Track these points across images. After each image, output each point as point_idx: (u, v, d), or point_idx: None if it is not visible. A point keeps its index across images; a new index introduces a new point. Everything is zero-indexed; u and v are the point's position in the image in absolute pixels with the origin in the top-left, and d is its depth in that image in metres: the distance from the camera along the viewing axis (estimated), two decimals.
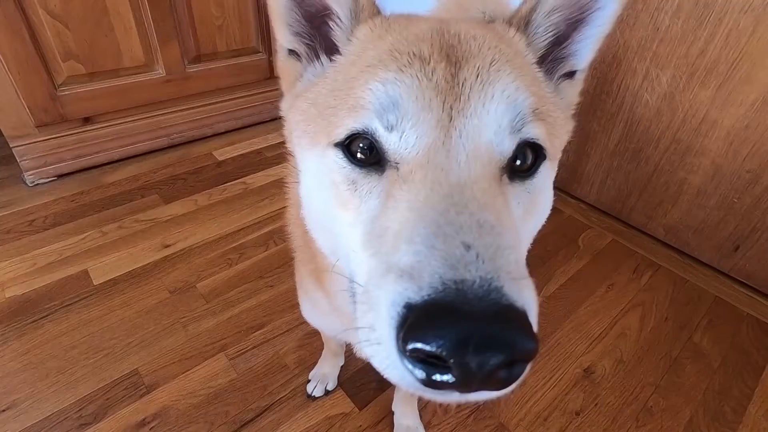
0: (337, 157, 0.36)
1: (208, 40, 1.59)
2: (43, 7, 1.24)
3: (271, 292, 1.12)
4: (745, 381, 1.01)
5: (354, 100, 0.34)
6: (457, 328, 0.24)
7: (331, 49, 0.41)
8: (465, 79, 0.33)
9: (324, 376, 0.91)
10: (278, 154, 1.69)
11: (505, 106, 0.33)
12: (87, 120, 1.46)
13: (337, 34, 0.41)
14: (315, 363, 0.94)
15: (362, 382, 0.94)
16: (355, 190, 0.35)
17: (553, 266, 1.28)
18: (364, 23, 0.39)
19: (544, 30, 0.40)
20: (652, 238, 1.40)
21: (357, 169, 0.35)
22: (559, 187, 1.59)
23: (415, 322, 0.25)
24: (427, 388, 0.27)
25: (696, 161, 1.23)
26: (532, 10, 0.40)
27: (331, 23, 0.41)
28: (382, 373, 0.30)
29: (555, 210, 1.36)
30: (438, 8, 0.84)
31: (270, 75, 1.80)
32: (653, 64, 1.22)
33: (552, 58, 0.42)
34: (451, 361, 0.24)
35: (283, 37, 0.42)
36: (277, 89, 1.68)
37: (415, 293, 0.26)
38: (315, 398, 0.90)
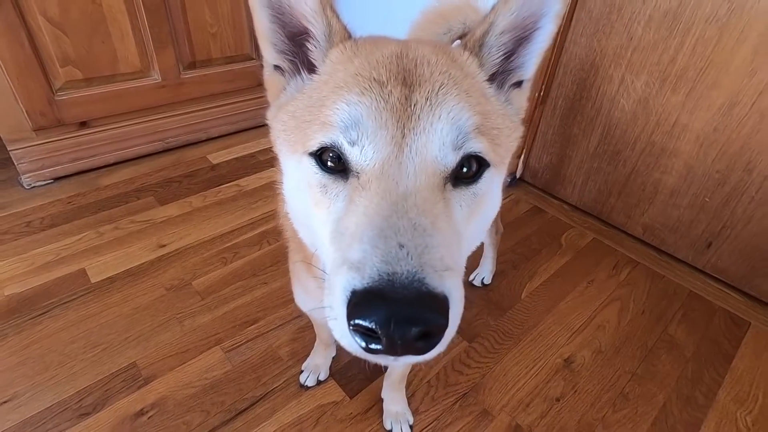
0: (311, 164, 0.41)
1: (203, 47, 1.64)
2: (42, 14, 1.28)
3: (265, 289, 1.16)
4: (716, 369, 1.07)
5: (324, 117, 0.40)
6: (385, 309, 0.31)
7: (311, 67, 0.46)
8: (417, 101, 0.39)
9: (316, 366, 0.95)
10: (271, 158, 1.72)
11: (449, 126, 0.38)
12: (83, 124, 1.50)
13: (315, 54, 0.45)
14: (307, 355, 0.98)
15: (353, 372, 0.98)
16: (326, 193, 0.41)
17: (536, 263, 1.33)
18: (336, 46, 0.44)
19: (496, 49, 0.45)
20: (631, 236, 1.46)
21: (327, 175, 0.41)
22: (542, 188, 1.65)
23: (357, 303, 0.32)
24: (367, 354, 0.34)
25: (669, 163, 1.30)
26: (485, 33, 0.45)
27: (309, 44, 0.45)
28: (339, 342, 0.36)
29: (539, 210, 1.43)
30: (423, 19, 0.89)
31: (263, 81, 1.84)
32: (628, 70, 1.28)
33: (502, 71, 0.47)
34: (380, 333, 0.31)
35: (269, 54, 0.47)
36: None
37: (359, 282, 0.33)
38: (307, 388, 0.94)
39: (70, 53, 1.37)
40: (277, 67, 0.48)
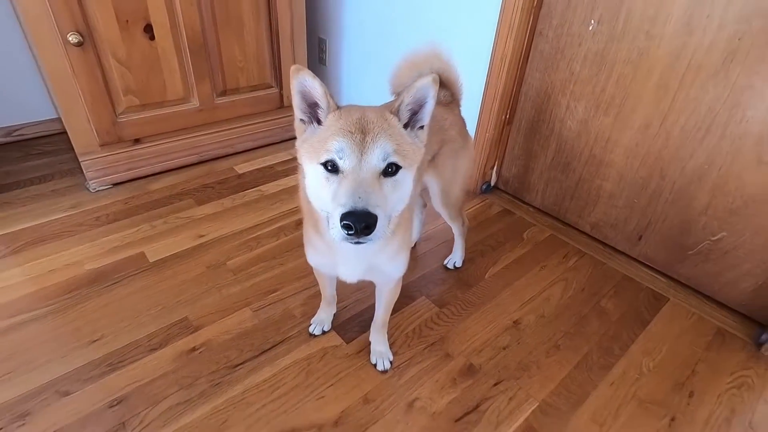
0: (321, 168, 0.73)
1: (233, 78, 2.00)
2: (113, 56, 1.65)
3: (282, 268, 1.49)
4: (633, 330, 1.36)
5: (327, 146, 0.72)
6: (353, 217, 0.64)
7: (318, 121, 0.79)
8: (367, 140, 0.71)
9: (321, 321, 1.27)
10: (286, 168, 2.07)
11: (380, 151, 0.70)
12: (137, 141, 1.86)
13: (321, 115, 0.78)
14: (315, 313, 1.30)
15: (349, 326, 1.30)
16: (328, 180, 0.73)
17: (500, 253, 1.64)
18: (332, 112, 0.77)
19: (405, 112, 0.77)
20: (582, 232, 1.77)
21: (327, 173, 0.73)
22: (512, 194, 1.97)
23: (343, 216, 0.65)
24: (348, 237, 0.67)
25: (607, 171, 1.61)
26: (399, 105, 0.76)
27: (318, 110, 0.78)
28: (334, 238, 0.69)
29: (508, 212, 1.79)
30: (403, 65, 1.22)
31: (281, 105, 2.21)
32: (571, 99, 1.61)
33: (411, 122, 0.79)
34: (352, 226, 0.65)
35: (298, 113, 0.80)
36: (286, 116, 2.10)
37: (343, 209, 0.65)
38: (314, 336, 1.25)
39: (131, 85, 1.74)
40: (301, 120, 0.81)
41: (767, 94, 1.19)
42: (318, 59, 2.54)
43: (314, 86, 0.74)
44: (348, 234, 0.66)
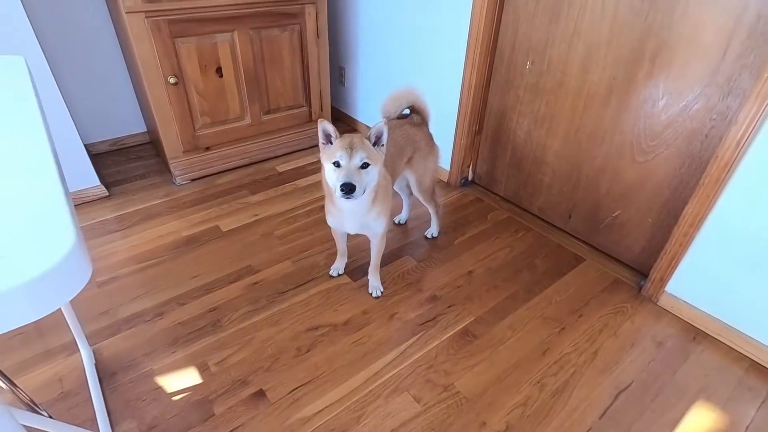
0: (331, 165, 1.37)
1: (274, 100, 2.69)
2: (195, 89, 2.36)
3: (312, 236, 2.15)
4: (552, 278, 1.96)
5: (335, 155, 1.34)
6: (344, 185, 1.29)
7: (331, 142, 1.43)
8: (353, 152, 1.33)
9: (337, 267, 1.93)
10: (314, 168, 2.75)
11: (358, 157, 1.32)
12: (208, 148, 2.57)
13: (332, 139, 1.42)
14: (333, 262, 1.96)
15: (355, 271, 1.95)
16: (334, 171, 1.37)
17: (468, 229, 2.26)
18: (336, 138, 1.40)
19: (372, 138, 1.40)
20: (532, 214, 2.36)
21: (334, 167, 1.37)
22: (484, 186, 2.58)
23: (341, 186, 1.30)
24: (343, 195, 1.30)
25: (545, 169, 2.21)
26: (369, 135, 1.39)
27: (332, 137, 1.43)
28: (338, 198, 1.35)
29: (479, 200, 2.50)
30: (389, 98, 1.86)
31: (309, 119, 2.89)
32: (519, 116, 2.21)
33: (377, 142, 1.42)
34: (344, 189, 1.30)
35: (321, 139, 1.43)
36: (312, 128, 2.79)
37: (340, 182, 1.30)
38: (332, 277, 1.91)
39: (205, 108, 2.45)
40: (323, 142, 1.46)
41: (631, 116, 1.77)
42: (339, 82, 3.21)
43: (328, 128, 1.39)
44: (342, 193, 1.30)
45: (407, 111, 1.88)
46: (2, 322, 0.43)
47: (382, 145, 1.41)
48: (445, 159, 2.57)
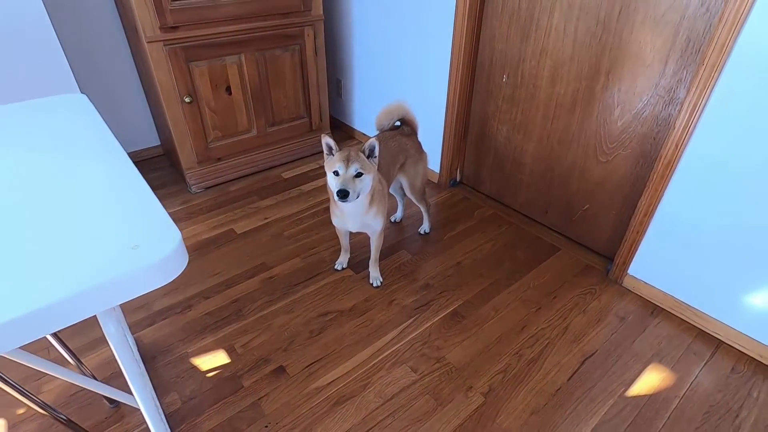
0: (332, 174, 1.63)
1: (279, 113, 2.95)
2: (207, 106, 2.62)
3: (317, 236, 2.41)
4: (531, 266, 2.22)
5: (334, 165, 1.60)
6: (340, 191, 1.55)
7: (332, 154, 1.69)
8: (349, 163, 1.58)
9: (341, 262, 2.19)
10: (316, 174, 3.00)
11: (353, 168, 1.58)
12: (219, 159, 2.82)
13: (333, 152, 1.68)
14: (337, 258, 2.22)
15: (357, 265, 2.21)
16: (334, 179, 1.63)
17: (456, 225, 2.52)
18: (336, 151, 1.66)
19: (366, 151, 1.65)
20: (514, 210, 2.63)
21: (335, 176, 1.63)
22: (471, 186, 2.84)
23: (336, 191, 1.56)
24: (340, 199, 1.56)
25: (524, 169, 2.47)
26: (363, 148, 1.64)
27: (333, 150, 1.68)
28: (337, 201, 1.61)
29: (467, 199, 2.79)
30: (383, 112, 2.12)
31: (310, 129, 3.14)
32: (499, 123, 2.48)
33: (370, 155, 1.68)
34: (340, 195, 1.56)
35: (325, 150, 1.69)
36: (313, 138, 3.06)
37: (337, 189, 1.56)
38: (337, 270, 2.17)
39: (217, 123, 2.71)
40: (326, 154, 1.71)
41: (593, 123, 2.04)
42: (336, 94, 3.48)
43: (330, 142, 1.64)
44: (339, 197, 1.55)
45: (398, 123, 2.14)
46: (147, 285, 0.70)
47: (375, 156, 1.67)
48: (435, 162, 2.83)
